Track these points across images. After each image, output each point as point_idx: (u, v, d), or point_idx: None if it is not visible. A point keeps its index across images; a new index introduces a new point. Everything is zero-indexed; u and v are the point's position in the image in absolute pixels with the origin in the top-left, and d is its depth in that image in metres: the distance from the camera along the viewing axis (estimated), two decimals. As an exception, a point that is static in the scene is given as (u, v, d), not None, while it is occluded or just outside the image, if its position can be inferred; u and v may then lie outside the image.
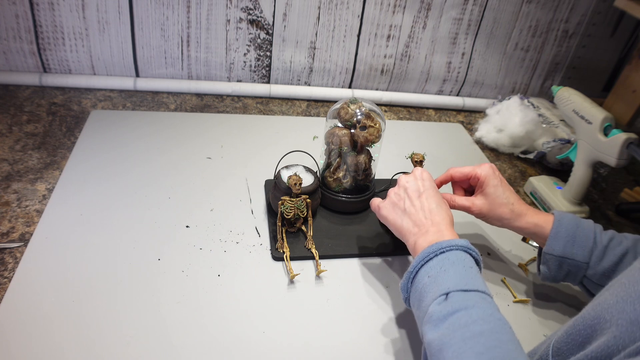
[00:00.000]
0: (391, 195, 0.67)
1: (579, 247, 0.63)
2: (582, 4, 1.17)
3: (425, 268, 0.55)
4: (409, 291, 0.58)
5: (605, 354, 0.40)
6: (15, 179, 0.78)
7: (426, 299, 0.52)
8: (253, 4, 1.04)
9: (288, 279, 0.68)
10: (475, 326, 0.46)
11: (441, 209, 0.62)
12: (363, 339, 0.62)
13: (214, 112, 1.05)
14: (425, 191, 0.64)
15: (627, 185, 1.06)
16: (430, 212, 0.62)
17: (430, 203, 0.63)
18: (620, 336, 0.39)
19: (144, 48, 1.05)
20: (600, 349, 0.40)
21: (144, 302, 0.62)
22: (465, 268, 0.53)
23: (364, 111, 0.77)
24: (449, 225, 0.61)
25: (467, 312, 0.48)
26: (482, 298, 0.50)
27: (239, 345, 0.58)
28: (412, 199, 0.64)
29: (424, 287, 0.54)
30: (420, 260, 0.56)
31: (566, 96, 0.88)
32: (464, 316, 0.48)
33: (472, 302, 0.49)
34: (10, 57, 1.01)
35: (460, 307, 0.49)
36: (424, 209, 0.62)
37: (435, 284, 0.53)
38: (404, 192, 0.65)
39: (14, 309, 0.58)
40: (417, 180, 0.66)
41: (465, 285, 0.51)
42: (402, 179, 0.67)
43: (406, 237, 0.62)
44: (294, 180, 0.70)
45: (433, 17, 1.13)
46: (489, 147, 1.10)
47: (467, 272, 0.53)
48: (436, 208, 0.62)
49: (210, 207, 0.78)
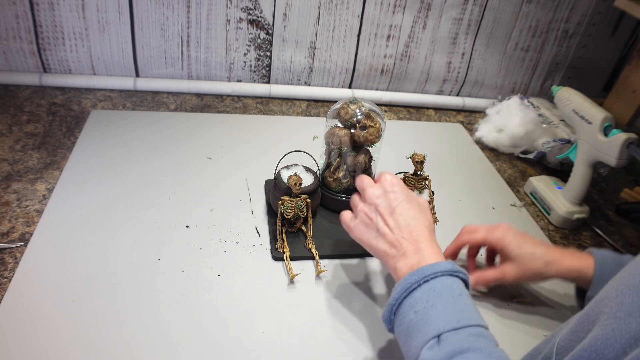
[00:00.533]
0: (362, 215, 0.60)
1: None
2: (582, 4, 1.17)
3: (409, 300, 0.51)
4: (392, 323, 0.54)
5: (603, 345, 0.39)
6: (15, 179, 0.78)
7: (415, 340, 0.48)
8: (253, 4, 1.04)
9: (288, 279, 0.68)
10: None
11: (418, 222, 0.57)
12: (363, 339, 0.62)
13: (214, 112, 1.05)
14: (398, 205, 0.58)
15: (627, 185, 1.06)
16: (407, 228, 0.57)
17: (406, 218, 0.57)
18: (617, 328, 0.39)
19: (144, 48, 1.05)
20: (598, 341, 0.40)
21: (144, 302, 0.62)
22: (454, 298, 0.50)
23: (364, 111, 0.77)
24: (429, 239, 0.56)
25: (463, 357, 0.44)
26: (477, 335, 0.47)
27: (239, 345, 0.58)
28: (385, 217, 0.58)
29: (410, 323, 0.50)
30: (402, 291, 0.51)
31: (566, 96, 0.88)
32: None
33: (468, 343, 0.45)
34: (10, 57, 1.01)
35: (455, 351, 0.45)
36: (400, 227, 0.57)
37: (423, 322, 0.49)
38: (374, 211, 0.59)
39: (14, 309, 0.58)
40: (387, 194, 0.59)
41: (457, 322, 0.47)
42: (370, 194, 0.61)
43: (385, 260, 0.57)
44: (294, 180, 0.70)
45: (433, 17, 1.13)
46: (489, 147, 1.10)
47: (457, 303, 0.49)
48: (412, 221, 0.57)
49: (210, 207, 0.78)
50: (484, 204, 0.91)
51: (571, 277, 0.64)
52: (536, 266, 0.64)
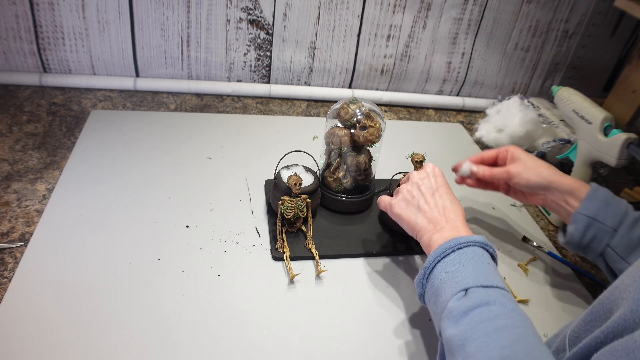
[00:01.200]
0: (403, 192, 0.66)
1: (611, 213, 0.64)
2: (582, 4, 1.17)
3: (442, 264, 0.55)
4: (424, 287, 0.57)
5: (622, 327, 0.40)
6: (15, 179, 0.78)
7: (444, 295, 0.52)
8: (253, 4, 1.04)
9: (288, 279, 0.68)
10: (498, 321, 0.46)
11: (455, 206, 0.62)
12: (363, 339, 0.62)
13: (214, 112, 1.05)
14: (439, 188, 0.64)
15: (627, 185, 1.06)
16: (445, 209, 0.62)
17: (445, 200, 0.63)
18: (636, 309, 0.39)
19: (144, 48, 1.05)
20: (616, 324, 0.40)
21: (144, 302, 0.62)
22: (484, 264, 0.53)
23: (364, 111, 0.77)
24: (464, 221, 0.61)
25: (488, 308, 0.48)
26: (502, 294, 0.50)
27: (239, 345, 0.58)
28: (426, 197, 0.64)
29: (441, 283, 0.54)
30: (437, 256, 0.56)
31: (566, 96, 0.88)
32: (485, 311, 0.48)
33: (493, 297, 0.49)
34: (10, 57, 1.01)
35: (481, 302, 0.48)
36: (438, 206, 0.62)
37: (453, 279, 0.53)
38: (417, 190, 0.65)
39: (14, 309, 0.58)
40: (430, 177, 0.66)
41: (485, 281, 0.51)
42: (414, 175, 0.67)
43: (420, 234, 0.62)
44: (294, 180, 0.70)
45: (433, 17, 1.13)
46: (489, 147, 1.10)
47: (485, 268, 0.53)
48: (450, 205, 0.62)
49: (210, 207, 0.78)
50: (483, 203, 0.91)
51: (565, 191, 0.68)
52: (537, 174, 0.69)
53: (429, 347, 0.62)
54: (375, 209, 0.84)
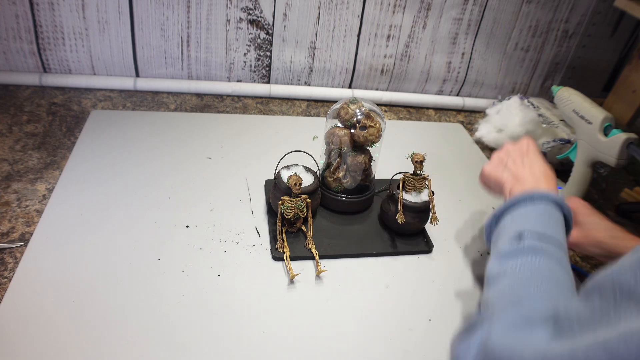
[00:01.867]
0: (496, 157, 0.71)
1: None
2: (582, 4, 1.17)
3: (510, 213, 0.58)
4: (492, 232, 0.61)
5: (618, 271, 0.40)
6: (15, 179, 0.78)
7: (502, 238, 0.55)
8: (253, 4, 1.04)
9: (288, 279, 0.68)
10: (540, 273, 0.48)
11: (543, 166, 0.65)
12: (363, 338, 0.62)
13: (214, 112, 1.05)
14: (529, 152, 0.68)
15: (627, 185, 1.06)
16: (532, 167, 0.65)
17: (533, 162, 0.66)
18: None
19: (144, 48, 1.05)
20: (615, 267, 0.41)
21: (144, 302, 0.62)
22: (550, 221, 0.55)
23: (364, 111, 0.77)
24: (549, 180, 0.63)
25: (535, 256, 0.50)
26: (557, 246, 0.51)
27: (239, 345, 0.58)
28: (515, 158, 0.68)
29: (504, 227, 0.57)
30: (509, 204, 0.59)
31: (566, 96, 0.88)
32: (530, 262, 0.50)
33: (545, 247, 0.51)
34: (10, 57, 1.01)
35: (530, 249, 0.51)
36: (525, 165, 0.65)
37: (514, 224, 0.56)
38: (506, 153, 0.70)
39: (14, 309, 0.58)
40: (522, 145, 0.70)
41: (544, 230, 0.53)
42: (507, 144, 0.72)
43: (503, 187, 0.65)
44: (294, 180, 0.70)
45: (433, 17, 1.13)
46: (489, 147, 1.10)
47: (550, 223, 0.55)
48: (538, 164, 0.65)
49: (210, 207, 0.78)
50: (484, 203, 0.91)
51: None
52: (600, 236, 0.68)
53: (429, 347, 0.62)
54: (375, 209, 0.84)
